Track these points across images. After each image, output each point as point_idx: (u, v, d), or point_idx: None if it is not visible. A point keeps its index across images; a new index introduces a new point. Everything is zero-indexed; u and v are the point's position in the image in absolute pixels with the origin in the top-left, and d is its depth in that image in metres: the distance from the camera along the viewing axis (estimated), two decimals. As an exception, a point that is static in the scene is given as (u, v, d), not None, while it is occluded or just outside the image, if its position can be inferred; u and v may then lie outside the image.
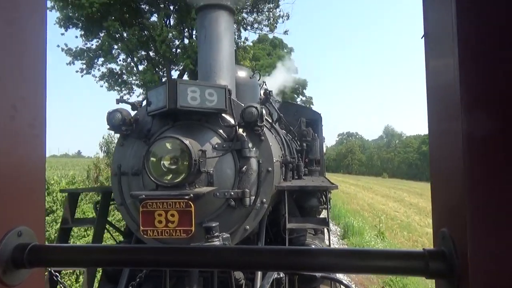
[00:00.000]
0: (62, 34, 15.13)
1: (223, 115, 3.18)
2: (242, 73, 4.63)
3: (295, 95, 43.42)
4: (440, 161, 0.81)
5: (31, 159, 0.85)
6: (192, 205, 2.65)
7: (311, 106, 47.15)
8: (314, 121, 8.83)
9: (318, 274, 3.10)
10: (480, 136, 0.65)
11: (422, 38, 0.84)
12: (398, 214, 19.79)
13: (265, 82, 5.66)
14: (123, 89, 17.98)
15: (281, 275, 3.04)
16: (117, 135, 3.37)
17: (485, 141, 0.65)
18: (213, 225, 2.31)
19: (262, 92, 5.05)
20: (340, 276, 3.12)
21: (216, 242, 2.28)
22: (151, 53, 17.18)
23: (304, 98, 48.63)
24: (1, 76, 0.76)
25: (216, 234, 2.29)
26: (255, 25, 18.55)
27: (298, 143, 6.76)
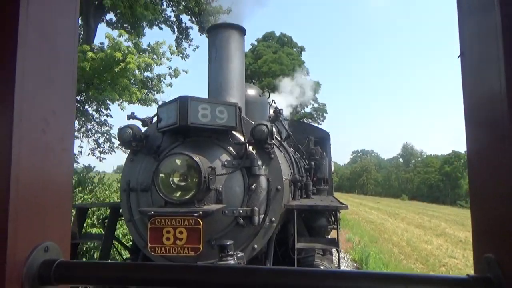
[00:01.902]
0: None
1: (233, 132, 3.19)
2: (252, 91, 4.69)
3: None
4: (482, 184, 0.77)
5: (60, 174, 0.84)
6: (201, 223, 2.63)
7: (324, 114, 40.66)
8: (322, 139, 8.82)
9: None
10: None
11: (458, 57, 0.82)
12: (459, 263, 13.40)
13: (274, 101, 5.70)
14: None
15: None
16: None
17: None
18: (228, 243, 2.27)
19: (271, 110, 5.07)
20: None
21: (231, 261, 2.24)
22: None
23: (316, 105, 40.94)
24: (35, 89, 0.77)
25: (230, 252, 2.25)
26: None
27: (306, 161, 6.73)
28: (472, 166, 0.82)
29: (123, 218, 3.50)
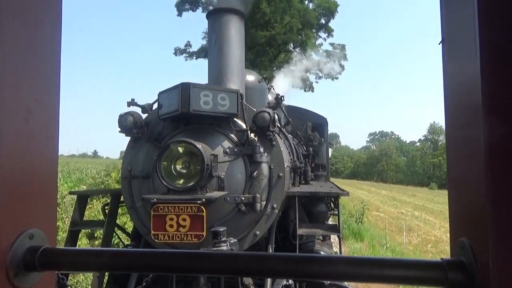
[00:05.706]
0: None
1: (235, 119, 3.17)
2: (251, 77, 4.64)
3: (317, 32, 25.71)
4: (458, 168, 0.79)
5: (44, 162, 0.84)
6: (204, 210, 2.64)
7: (344, 62, 27.55)
8: (320, 125, 8.82)
9: (327, 281, 3.07)
10: (503, 143, 0.63)
11: (439, 44, 0.83)
12: None
13: (273, 87, 5.66)
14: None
15: (290, 282, 3.01)
16: None
17: (508, 148, 0.63)
18: (221, 229, 2.30)
19: (270, 96, 5.04)
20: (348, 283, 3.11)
21: (224, 247, 2.26)
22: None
23: (330, 48, 26.92)
24: (17, 77, 0.75)
25: (223, 239, 2.28)
26: None
27: (304, 147, 6.75)
28: (450, 150, 0.83)
29: (124, 205, 3.50)
